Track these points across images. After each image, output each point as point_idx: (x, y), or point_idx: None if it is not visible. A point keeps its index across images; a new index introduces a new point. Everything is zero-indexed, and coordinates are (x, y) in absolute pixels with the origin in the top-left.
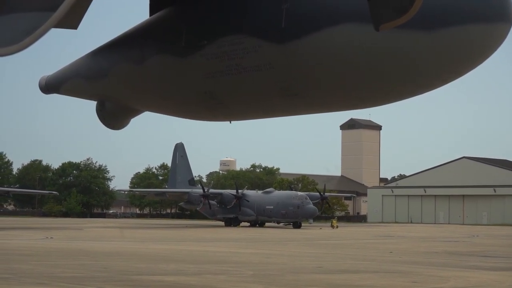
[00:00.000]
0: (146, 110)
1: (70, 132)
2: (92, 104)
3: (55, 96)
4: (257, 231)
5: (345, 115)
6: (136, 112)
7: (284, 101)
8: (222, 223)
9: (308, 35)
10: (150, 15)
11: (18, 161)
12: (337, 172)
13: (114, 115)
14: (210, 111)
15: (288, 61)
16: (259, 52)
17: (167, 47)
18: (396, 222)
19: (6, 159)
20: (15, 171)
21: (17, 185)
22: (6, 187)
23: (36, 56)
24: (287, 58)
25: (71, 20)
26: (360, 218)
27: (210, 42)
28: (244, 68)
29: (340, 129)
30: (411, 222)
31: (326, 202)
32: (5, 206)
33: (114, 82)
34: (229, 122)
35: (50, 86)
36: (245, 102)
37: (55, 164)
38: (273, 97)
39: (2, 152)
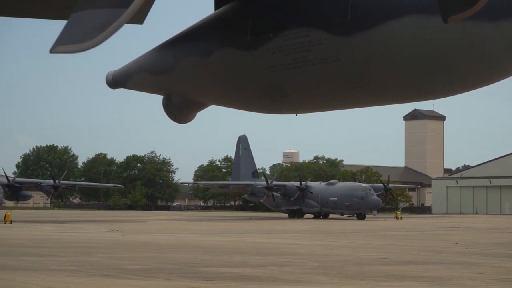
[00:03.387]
0: (212, 104)
1: (134, 126)
2: (157, 98)
3: (120, 91)
4: (321, 223)
5: (408, 106)
6: (202, 105)
7: (350, 94)
8: (286, 215)
9: (374, 27)
10: (215, 9)
11: (83, 155)
12: (401, 163)
13: (180, 109)
14: (276, 104)
15: (354, 53)
16: (324, 44)
17: (232, 41)
18: (461, 213)
19: (72, 153)
20: (80, 164)
21: (83, 179)
22: (72, 180)
23: (103, 51)
24: (353, 51)
25: (137, 15)
26: (424, 209)
27: (275, 35)
28: (310, 61)
29: (404, 120)
30: (476, 213)
31: (390, 194)
32: (71, 199)
33: (180, 76)
34: (295, 114)
35: (116, 80)
36: (311, 95)
37: (120, 158)
38: (339, 90)
39: (68, 146)
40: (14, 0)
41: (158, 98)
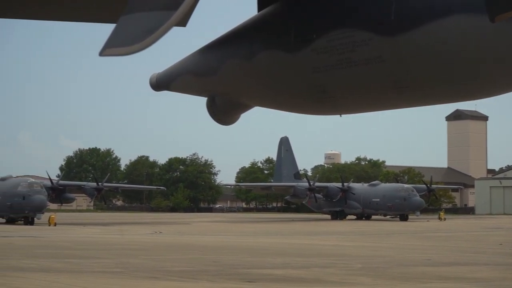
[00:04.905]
0: (256, 105)
1: (176, 128)
2: (198, 100)
3: (161, 93)
4: (363, 224)
5: (450, 107)
6: (246, 107)
7: (395, 94)
8: (328, 216)
9: (419, 27)
10: (258, 10)
11: (125, 158)
12: (444, 164)
13: (224, 111)
14: (320, 105)
15: (398, 53)
16: (369, 45)
17: (276, 42)
18: (504, 214)
19: (114, 156)
20: (123, 167)
21: (125, 181)
22: (115, 183)
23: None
24: (397, 51)
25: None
26: (467, 210)
27: (319, 36)
28: (354, 62)
29: (446, 120)
30: None
31: (433, 194)
32: (114, 201)
33: (224, 78)
34: (339, 115)
35: (160, 83)
36: (355, 96)
37: (162, 160)
38: (384, 90)
39: (110, 149)
40: (57, 4)
41: (200, 100)
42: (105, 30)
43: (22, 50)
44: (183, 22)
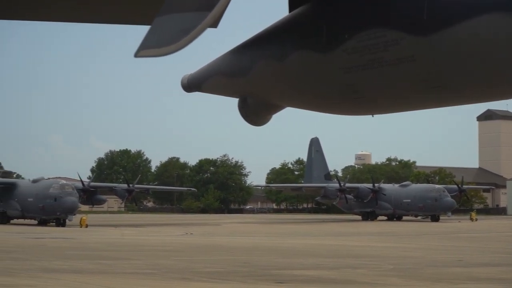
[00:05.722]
0: (288, 106)
1: (207, 129)
2: (228, 101)
3: (191, 94)
4: (394, 225)
5: (481, 106)
6: (277, 108)
7: (427, 94)
8: (359, 217)
9: (452, 26)
10: (290, 11)
11: (156, 159)
12: (475, 164)
13: (256, 112)
14: (352, 105)
15: (431, 53)
16: (401, 45)
17: (307, 43)
18: None
19: (145, 157)
20: (153, 168)
21: (156, 183)
22: (146, 184)
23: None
24: (430, 51)
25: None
26: (499, 211)
27: (351, 36)
28: (386, 62)
29: (477, 120)
30: None
31: (464, 195)
32: (145, 203)
33: (256, 79)
34: (371, 116)
35: (192, 84)
36: (387, 96)
37: (192, 161)
38: (416, 90)
39: (141, 150)
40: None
41: (230, 101)
42: (136, 31)
43: (54, 52)
44: (215, 23)
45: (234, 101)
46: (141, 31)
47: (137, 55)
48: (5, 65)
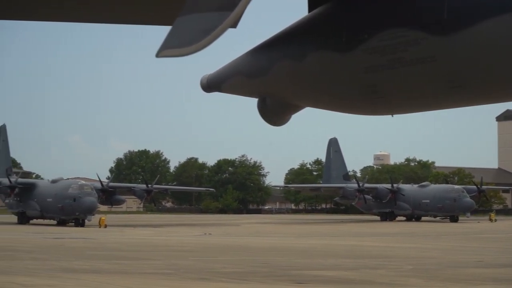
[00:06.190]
0: (307, 106)
1: (225, 130)
2: (247, 101)
3: (210, 95)
4: (413, 225)
5: (501, 106)
6: (297, 108)
7: (448, 94)
8: (378, 218)
9: (473, 25)
10: (309, 11)
11: (175, 159)
12: (494, 165)
13: (275, 112)
14: (372, 105)
15: (451, 53)
16: (422, 44)
17: (327, 43)
18: None
19: (164, 158)
20: (172, 169)
21: (175, 183)
22: (164, 185)
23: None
24: (450, 50)
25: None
26: None
27: (371, 36)
28: (407, 61)
29: (496, 120)
30: None
31: (483, 195)
32: (163, 203)
33: (275, 79)
34: (391, 115)
35: (211, 84)
36: (408, 96)
37: (211, 162)
38: (436, 90)
39: (160, 151)
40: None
41: (248, 101)
42: (156, 32)
43: (74, 52)
44: (235, 23)
45: (253, 101)
46: (162, 31)
47: (158, 55)
48: (25, 65)
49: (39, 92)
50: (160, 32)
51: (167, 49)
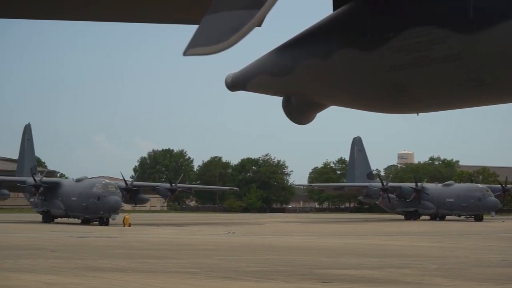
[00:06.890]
0: (332, 105)
1: (249, 129)
2: (271, 100)
3: (234, 93)
4: (437, 224)
5: None
6: (322, 106)
7: (473, 92)
8: (402, 217)
9: (498, 24)
10: (334, 9)
11: (198, 158)
12: None
13: (300, 110)
14: (398, 104)
15: (477, 51)
16: (447, 43)
17: (352, 41)
18: None
19: (187, 156)
20: (195, 168)
21: (198, 182)
22: (188, 183)
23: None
24: (476, 48)
25: None
26: None
27: (396, 34)
28: (432, 60)
29: None
30: None
31: (508, 194)
32: (187, 202)
33: (300, 78)
34: (416, 114)
35: (236, 83)
36: (433, 94)
37: (235, 161)
38: (462, 88)
39: (183, 150)
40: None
41: (272, 100)
42: (182, 31)
43: (99, 52)
44: (259, 22)
45: (277, 100)
46: (188, 30)
47: (186, 53)
48: (50, 64)
49: (64, 91)
50: (184, 31)
51: (195, 47)
